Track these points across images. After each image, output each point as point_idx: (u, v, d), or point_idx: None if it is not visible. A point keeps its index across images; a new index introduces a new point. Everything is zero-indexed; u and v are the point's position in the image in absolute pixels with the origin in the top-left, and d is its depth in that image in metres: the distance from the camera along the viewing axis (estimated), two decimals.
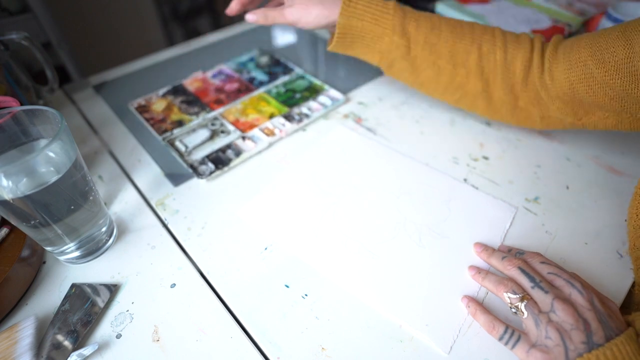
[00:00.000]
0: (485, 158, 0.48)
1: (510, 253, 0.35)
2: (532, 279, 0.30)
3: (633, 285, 0.36)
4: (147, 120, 0.54)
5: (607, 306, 0.28)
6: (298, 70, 0.63)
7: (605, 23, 0.60)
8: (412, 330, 0.32)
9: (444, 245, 0.38)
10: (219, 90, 0.60)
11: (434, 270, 0.36)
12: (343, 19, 0.44)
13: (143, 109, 0.56)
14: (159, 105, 0.57)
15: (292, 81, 0.61)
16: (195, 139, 0.50)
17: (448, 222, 0.40)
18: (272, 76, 0.62)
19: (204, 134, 0.51)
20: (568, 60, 0.39)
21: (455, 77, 0.45)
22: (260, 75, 0.63)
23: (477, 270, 0.35)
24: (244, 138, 0.51)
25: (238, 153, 0.48)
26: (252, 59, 0.67)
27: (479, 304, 0.33)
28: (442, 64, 0.44)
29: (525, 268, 0.31)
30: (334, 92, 0.58)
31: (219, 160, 0.47)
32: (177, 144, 0.50)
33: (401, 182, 0.45)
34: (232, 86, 0.60)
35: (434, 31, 0.43)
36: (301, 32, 0.76)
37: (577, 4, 0.74)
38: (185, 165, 0.47)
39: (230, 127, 0.52)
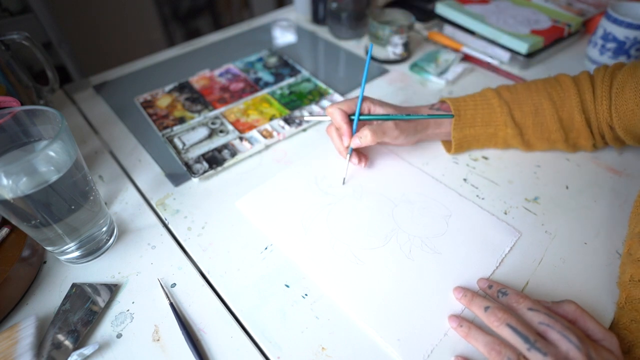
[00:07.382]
0: (485, 158, 0.48)
1: (491, 291, 0.34)
2: (526, 340, 0.28)
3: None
4: (150, 115, 0.54)
5: (603, 357, 0.28)
6: (305, 73, 0.63)
7: (605, 23, 0.60)
8: (382, 342, 0.32)
9: (434, 261, 0.37)
10: (224, 89, 0.60)
11: (417, 285, 0.35)
12: (457, 132, 0.46)
13: (148, 104, 0.56)
14: (163, 101, 0.57)
15: (297, 83, 0.61)
16: (193, 137, 0.51)
17: (444, 238, 0.39)
18: (278, 77, 0.62)
19: (202, 132, 0.51)
20: (615, 105, 0.42)
21: (568, 140, 0.46)
22: (266, 76, 0.62)
23: (464, 293, 0.34)
24: (241, 139, 0.51)
25: (234, 153, 0.48)
26: (260, 59, 0.67)
27: (473, 324, 0.31)
28: (556, 136, 0.46)
29: (516, 325, 0.29)
30: (337, 97, 0.58)
31: (214, 159, 0.47)
32: (176, 141, 0.50)
33: (404, 191, 0.44)
34: (237, 85, 0.60)
35: (539, 112, 0.45)
36: (302, 33, 0.76)
37: (576, 4, 0.74)
38: (180, 163, 0.47)
39: (230, 127, 0.53)
